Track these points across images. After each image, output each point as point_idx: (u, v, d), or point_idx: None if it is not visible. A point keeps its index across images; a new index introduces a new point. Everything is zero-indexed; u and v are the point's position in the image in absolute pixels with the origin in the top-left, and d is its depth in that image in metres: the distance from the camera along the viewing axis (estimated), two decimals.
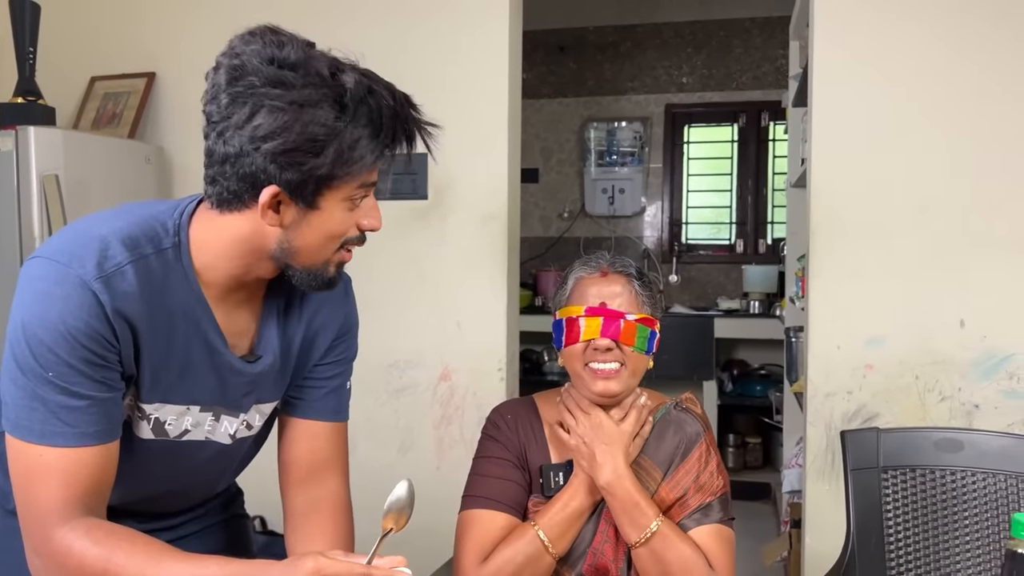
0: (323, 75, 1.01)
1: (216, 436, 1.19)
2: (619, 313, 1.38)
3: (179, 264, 1.08)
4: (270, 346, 1.18)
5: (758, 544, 3.17)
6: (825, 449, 2.27)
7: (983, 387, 2.18)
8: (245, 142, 1.00)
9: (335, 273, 1.12)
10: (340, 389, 1.30)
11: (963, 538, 1.53)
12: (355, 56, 1.06)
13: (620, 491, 1.34)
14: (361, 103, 1.01)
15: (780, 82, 4.64)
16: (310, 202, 1.04)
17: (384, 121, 1.03)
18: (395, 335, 2.57)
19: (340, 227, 1.07)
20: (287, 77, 0.99)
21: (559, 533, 1.34)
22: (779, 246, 4.50)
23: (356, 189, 1.05)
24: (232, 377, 1.15)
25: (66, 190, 2.27)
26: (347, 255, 1.12)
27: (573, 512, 1.36)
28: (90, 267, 1.01)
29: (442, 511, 1.66)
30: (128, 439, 1.12)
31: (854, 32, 2.24)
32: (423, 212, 2.55)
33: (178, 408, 1.13)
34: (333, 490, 1.28)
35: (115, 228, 1.06)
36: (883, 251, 2.23)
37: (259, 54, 1.00)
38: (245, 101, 0.99)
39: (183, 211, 1.11)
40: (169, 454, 1.16)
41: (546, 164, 5.23)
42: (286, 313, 1.21)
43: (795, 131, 3.42)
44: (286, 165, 1.00)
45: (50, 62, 2.61)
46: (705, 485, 1.41)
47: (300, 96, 0.99)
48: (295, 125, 0.98)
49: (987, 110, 2.17)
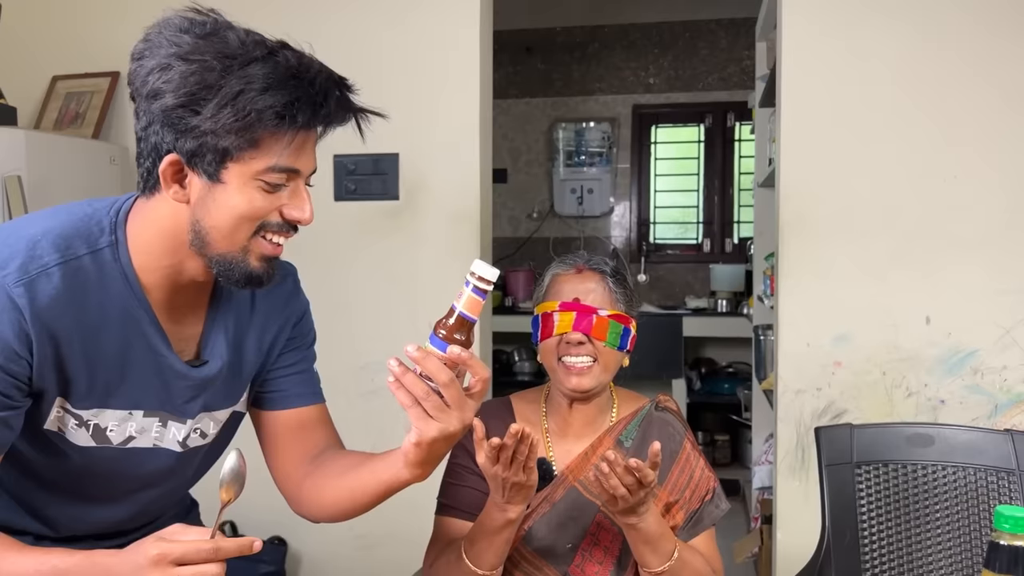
0: (226, 38, 0.98)
1: (165, 443, 1.15)
2: (592, 308, 1.39)
3: (116, 264, 1.04)
4: (217, 351, 1.15)
5: (728, 541, 3.20)
6: (795, 446, 2.30)
7: (948, 383, 2.22)
8: (147, 108, 0.98)
9: (260, 267, 1.05)
10: (309, 372, 1.28)
11: (935, 531, 1.55)
12: (304, 46, 1.03)
13: (646, 527, 1.30)
14: (255, 60, 0.97)
15: (746, 83, 4.69)
16: (212, 175, 0.99)
17: (279, 79, 0.96)
18: (366, 337, 2.55)
19: (250, 208, 1.00)
20: (184, 38, 0.97)
21: (478, 551, 1.31)
22: (746, 245, 4.55)
23: (268, 169, 0.99)
24: (176, 381, 1.12)
25: (29, 191, 2.22)
26: (271, 247, 1.05)
27: (485, 530, 1.30)
28: (12, 270, 0.98)
29: (415, 516, 1.66)
30: (64, 449, 1.09)
31: (822, 33, 2.27)
32: (394, 212, 2.53)
33: (119, 413, 1.09)
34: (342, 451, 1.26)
35: (47, 228, 1.02)
36: (851, 250, 2.26)
37: (172, 25, 0.99)
38: (148, 68, 0.98)
39: (119, 208, 1.07)
40: (116, 462, 1.12)
41: (514, 164, 5.23)
42: (235, 318, 1.17)
43: (762, 131, 3.46)
44: (179, 129, 0.97)
45: (10, 61, 2.55)
46: (700, 483, 1.43)
47: (186, 51, 0.96)
48: (176, 78, 0.96)
49: (954, 110, 2.22)
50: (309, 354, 1.29)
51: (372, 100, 1.08)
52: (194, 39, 0.97)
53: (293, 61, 0.99)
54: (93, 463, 1.11)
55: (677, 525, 1.42)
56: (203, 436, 1.19)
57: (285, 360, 1.25)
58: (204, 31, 0.98)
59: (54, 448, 1.09)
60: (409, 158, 2.49)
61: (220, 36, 0.98)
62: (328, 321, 2.56)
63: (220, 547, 0.91)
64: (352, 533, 2.50)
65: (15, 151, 2.23)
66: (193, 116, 0.96)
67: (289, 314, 1.24)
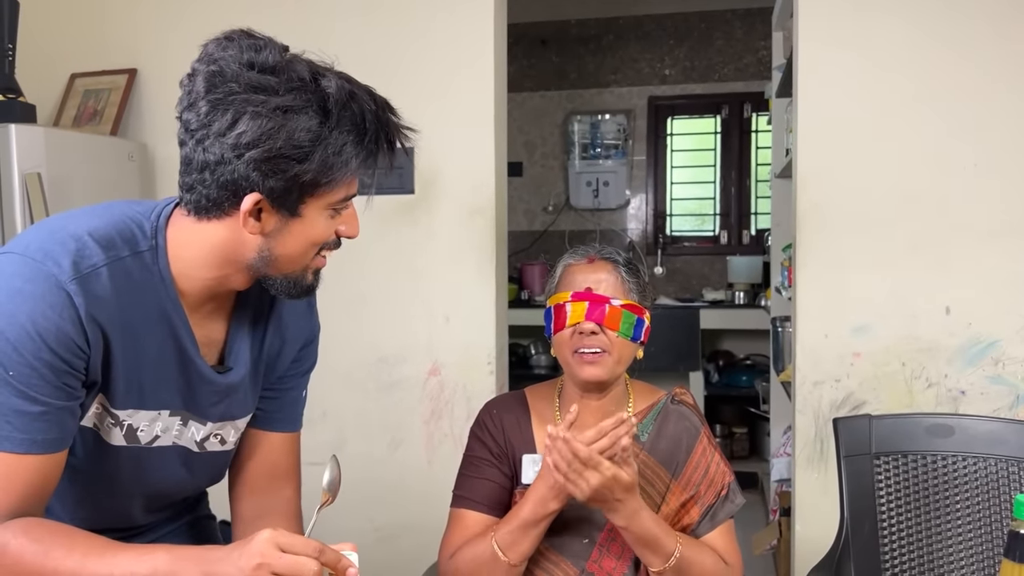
0: (304, 79, 0.99)
1: (183, 441, 1.17)
2: (604, 298, 1.39)
3: (155, 267, 1.06)
4: (241, 358, 1.17)
5: (747, 533, 3.19)
6: (814, 437, 2.29)
7: (969, 373, 2.20)
8: (227, 150, 0.98)
9: (313, 280, 1.12)
10: (298, 399, 1.31)
11: (955, 522, 1.54)
12: (330, 59, 1.05)
13: (638, 529, 1.31)
14: (344, 108, 1.00)
15: (762, 73, 4.66)
16: (293, 210, 1.02)
17: (368, 126, 1.02)
18: (384, 330, 2.56)
19: (322, 235, 1.07)
20: (268, 82, 0.98)
21: (509, 542, 1.33)
22: (763, 236, 4.52)
23: (341, 199, 1.05)
24: (201, 385, 1.14)
25: (48, 188, 2.24)
26: (324, 261, 1.12)
27: (522, 523, 1.32)
28: (66, 267, 0.99)
29: (432, 507, 1.67)
30: (96, 445, 1.10)
31: (839, 22, 2.25)
32: (410, 207, 2.54)
33: (150, 414, 1.11)
34: (287, 497, 1.28)
35: (91, 227, 1.04)
36: (869, 240, 2.25)
37: (237, 59, 0.99)
38: (227, 108, 0.97)
39: (160, 214, 1.09)
40: (138, 460, 1.14)
41: (530, 158, 5.23)
42: (255, 325, 1.19)
43: (779, 122, 3.43)
44: (270, 172, 0.98)
45: (29, 59, 2.57)
46: (715, 478, 1.43)
47: (283, 102, 0.97)
48: (280, 132, 0.97)
49: (972, 99, 2.19)
50: (304, 380, 1.31)
51: (387, 94, 1.09)
52: (276, 82, 0.98)
53: (370, 104, 1.02)
54: (120, 461, 1.13)
55: (691, 523, 1.42)
56: (223, 443, 1.22)
57: (282, 382, 1.27)
58: (274, 63, 0.99)
59: (87, 444, 1.10)
60: (424, 152, 2.50)
61: (294, 72, 0.99)
62: (345, 315, 2.60)
63: (324, 549, 0.95)
64: (371, 525, 2.52)
65: (35, 148, 2.25)
66: (295, 166, 0.99)
67: (299, 333, 1.26)
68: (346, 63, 1.08)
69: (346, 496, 1.31)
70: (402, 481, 2.54)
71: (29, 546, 0.98)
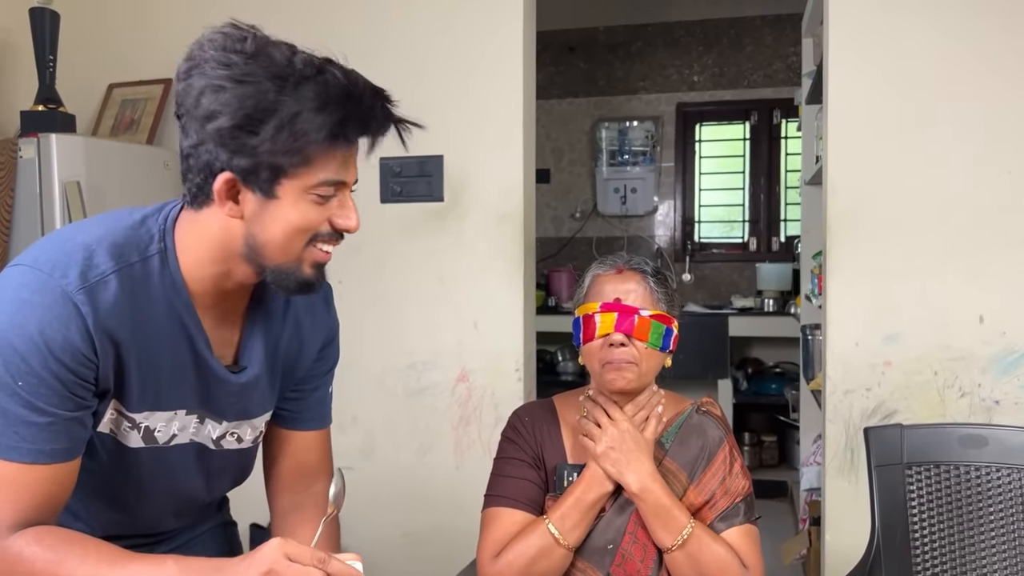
0: (272, 57, 0.99)
1: (200, 438, 1.18)
2: (633, 308, 1.39)
3: (166, 270, 1.07)
4: (255, 358, 1.18)
5: (775, 542, 3.16)
6: (844, 446, 2.27)
7: (1003, 383, 2.17)
8: (199, 128, 0.99)
9: (312, 274, 1.08)
10: (324, 397, 1.32)
11: (989, 533, 1.52)
12: (339, 57, 1.04)
13: (651, 497, 1.35)
14: (306, 79, 0.98)
15: (792, 79, 4.63)
16: (267, 191, 1.01)
17: (331, 97, 0.98)
18: (413, 336, 2.58)
19: (304, 220, 1.03)
20: (233, 59, 0.98)
21: (571, 525, 1.36)
22: (793, 243, 4.49)
23: (319, 183, 1.02)
24: (216, 385, 1.14)
25: (87, 196, 2.29)
26: (323, 255, 1.08)
27: (585, 504, 1.37)
28: (73, 277, 1.00)
29: (461, 512, 1.68)
30: (114, 451, 1.11)
31: (869, 28, 2.23)
32: (439, 214, 2.56)
33: (167, 415, 1.13)
34: (318, 491, 1.29)
35: (100, 236, 1.05)
36: (900, 247, 2.22)
37: (216, 44, 1.00)
38: (198, 89, 0.99)
39: (167, 216, 1.10)
40: (157, 460, 1.15)
41: (557, 164, 5.23)
42: (270, 325, 1.20)
43: (809, 128, 3.41)
44: (234, 149, 0.98)
45: (69, 70, 2.63)
46: (731, 488, 1.42)
47: (239, 72, 0.97)
48: (232, 101, 0.97)
49: (1004, 105, 2.17)
50: (329, 378, 1.32)
51: (416, 102, 1.10)
52: (243, 59, 0.98)
53: (341, 78, 1.00)
54: (139, 463, 1.14)
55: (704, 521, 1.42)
56: (240, 441, 1.23)
57: (306, 382, 1.28)
58: (250, 49, 0.99)
59: (106, 449, 1.12)
60: (453, 160, 2.52)
61: (266, 54, 0.99)
62: (376, 320, 2.62)
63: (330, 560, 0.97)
64: (400, 531, 2.53)
65: (75, 157, 2.30)
66: (250, 137, 0.98)
67: (317, 333, 1.27)
68: (375, 70, 1.08)
69: (375, 500, 1.33)
70: (431, 486, 2.55)
71: (42, 554, 0.99)
